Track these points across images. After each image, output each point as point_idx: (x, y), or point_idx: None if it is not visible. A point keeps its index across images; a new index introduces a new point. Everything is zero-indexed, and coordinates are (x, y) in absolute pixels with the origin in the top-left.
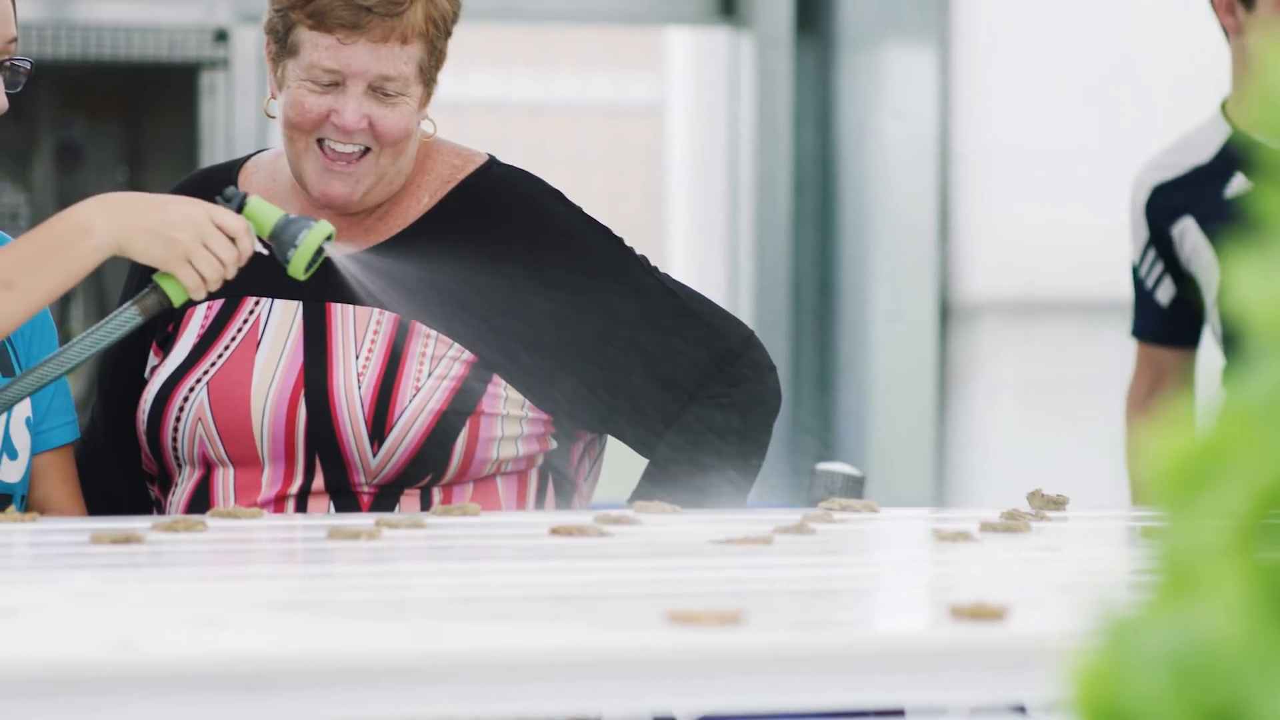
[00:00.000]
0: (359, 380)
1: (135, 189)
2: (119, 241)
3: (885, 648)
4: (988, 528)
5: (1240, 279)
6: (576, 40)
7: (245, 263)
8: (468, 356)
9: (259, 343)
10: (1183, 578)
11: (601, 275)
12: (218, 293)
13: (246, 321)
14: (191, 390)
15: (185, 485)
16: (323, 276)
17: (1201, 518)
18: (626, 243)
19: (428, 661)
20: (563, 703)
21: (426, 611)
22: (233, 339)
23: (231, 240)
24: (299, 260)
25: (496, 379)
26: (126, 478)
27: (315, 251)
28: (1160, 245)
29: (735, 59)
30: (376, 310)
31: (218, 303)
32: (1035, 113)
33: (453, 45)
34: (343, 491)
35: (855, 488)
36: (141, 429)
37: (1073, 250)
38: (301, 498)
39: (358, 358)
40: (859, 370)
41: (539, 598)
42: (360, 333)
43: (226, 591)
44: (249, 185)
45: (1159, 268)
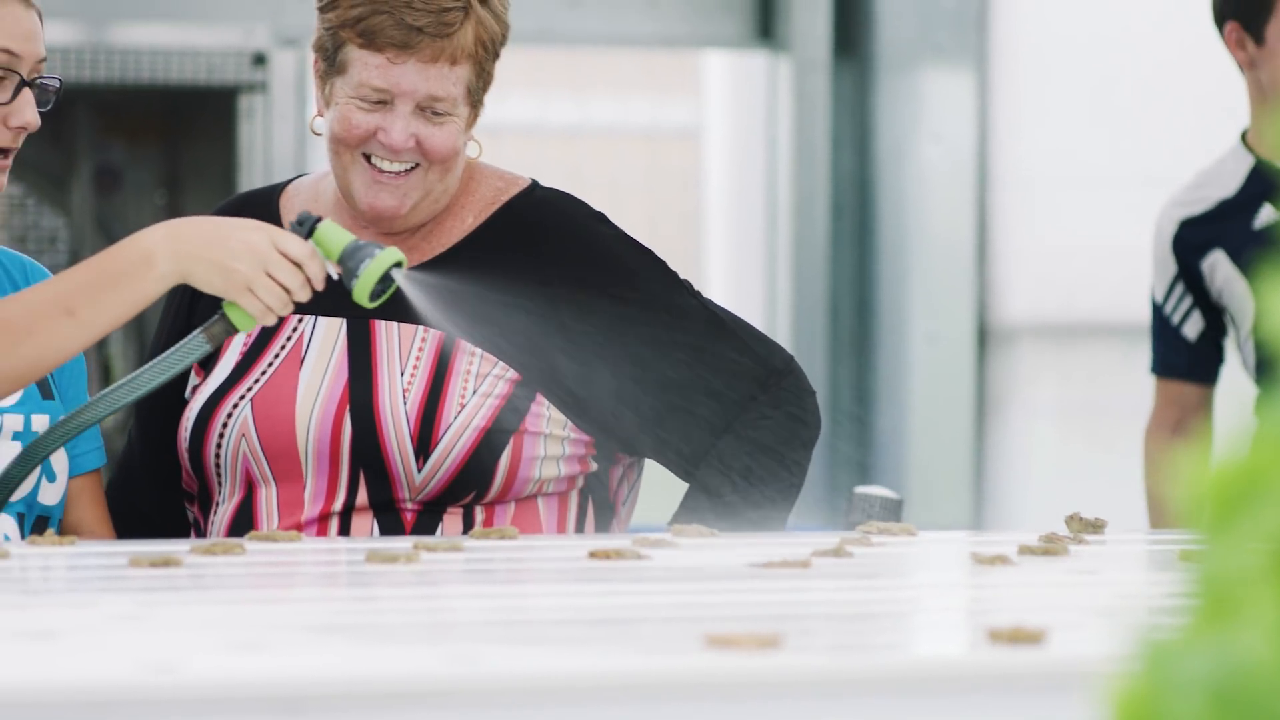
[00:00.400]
0: (404, 396)
1: (173, 213)
2: (182, 271)
3: (923, 671)
4: (1026, 551)
5: (1275, 306)
6: (614, 63)
7: (319, 286)
8: (512, 375)
9: (303, 359)
10: (1221, 602)
11: (644, 298)
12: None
13: (290, 339)
14: (235, 407)
15: (228, 505)
16: None
17: (1240, 542)
18: (669, 266)
19: (466, 685)
20: None
21: (465, 634)
22: (276, 356)
23: (297, 265)
24: (361, 287)
25: (540, 398)
26: (162, 500)
27: (379, 279)
28: (1190, 280)
29: (773, 82)
30: (421, 328)
31: None
32: (1073, 136)
33: None
34: (386, 509)
35: (893, 511)
36: (183, 447)
37: (1111, 273)
38: (345, 515)
39: (403, 374)
40: (897, 393)
41: (577, 621)
42: (405, 350)
43: (265, 614)
44: (290, 210)
45: (1187, 302)
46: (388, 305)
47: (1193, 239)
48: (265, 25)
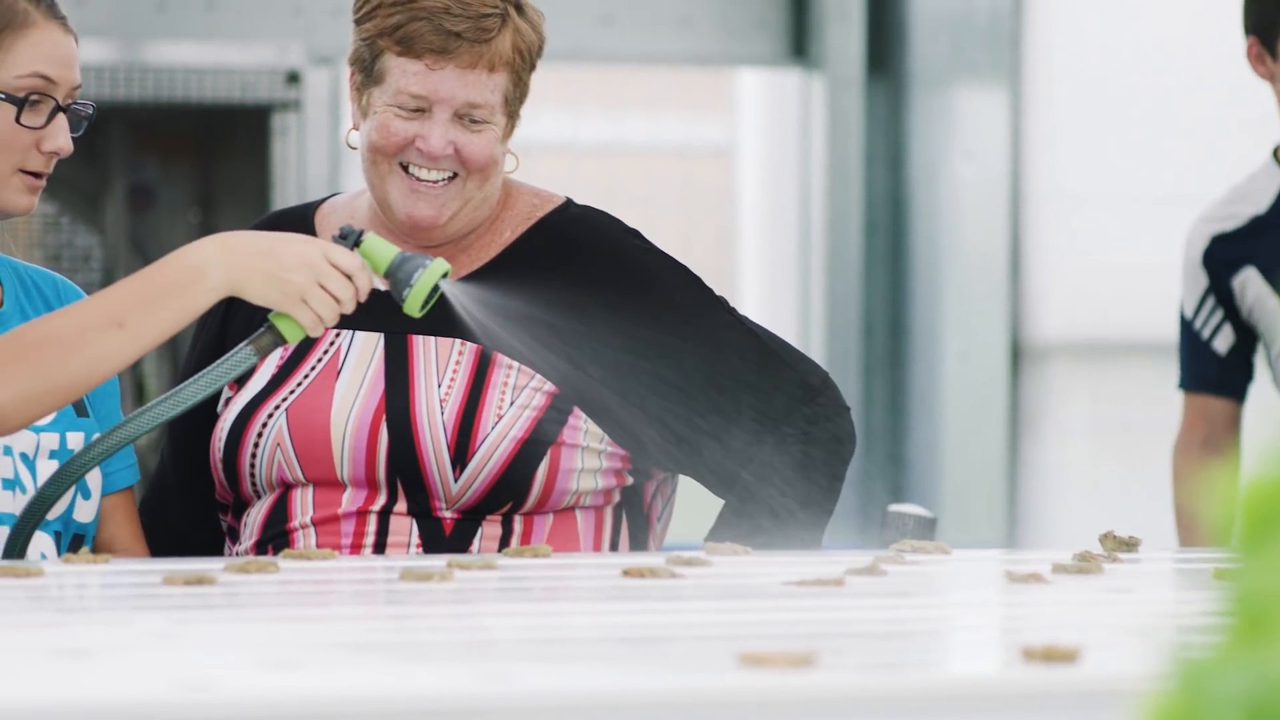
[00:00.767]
0: (441, 406)
1: (207, 231)
2: (234, 283)
3: (957, 690)
4: (1060, 569)
5: None
6: (647, 81)
7: (364, 299)
8: (549, 388)
9: (339, 372)
10: (1256, 620)
11: (680, 314)
12: None
13: (327, 352)
14: (270, 417)
15: (262, 504)
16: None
17: (1274, 560)
18: (705, 282)
19: (501, 703)
20: None
21: (500, 653)
22: (312, 369)
23: (348, 277)
24: (414, 298)
25: (577, 411)
26: (195, 517)
27: (430, 290)
28: (1220, 295)
29: (806, 100)
30: (458, 341)
31: None
32: (1107, 153)
33: None
34: (424, 516)
35: (927, 529)
36: (217, 457)
37: (1144, 291)
38: (384, 516)
39: (440, 385)
40: (930, 411)
41: (611, 639)
42: (442, 363)
43: (300, 633)
44: (325, 228)
45: (1218, 316)
46: (425, 319)
47: (1224, 255)
48: (299, 44)
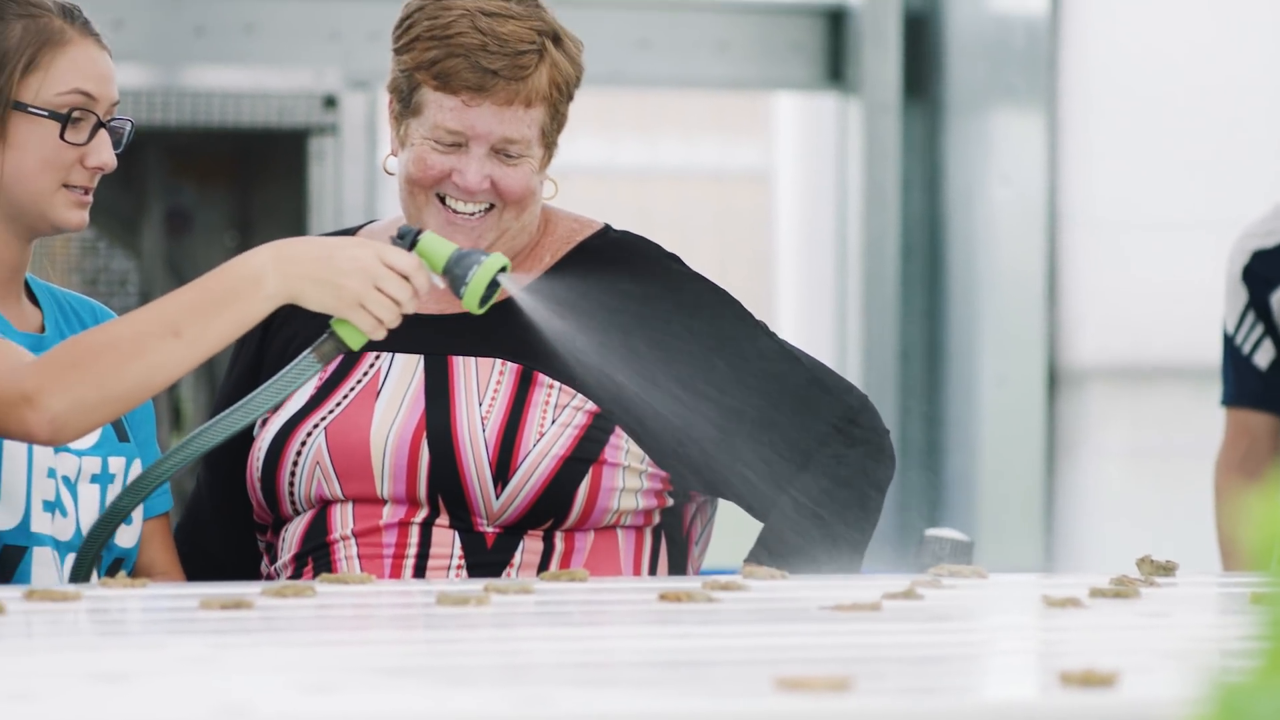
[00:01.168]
0: (483, 423)
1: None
2: (290, 291)
3: (994, 714)
4: (1097, 594)
5: None
6: (684, 106)
7: (425, 297)
8: (590, 407)
9: (379, 392)
10: None
11: (721, 338)
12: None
13: (366, 374)
14: (309, 435)
15: (301, 519)
16: (443, 330)
17: None
18: (744, 306)
19: None
20: None
21: (538, 677)
22: (351, 389)
23: (404, 278)
24: (472, 294)
25: (619, 431)
26: (230, 541)
27: (489, 285)
28: (1260, 310)
29: (843, 124)
30: (499, 361)
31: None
32: (1143, 177)
33: None
34: (466, 532)
35: (964, 553)
36: (255, 476)
37: (1181, 314)
38: (426, 528)
39: (481, 404)
40: (967, 435)
41: (649, 663)
42: (483, 382)
43: (337, 657)
44: None
45: (1258, 331)
46: (466, 340)
47: (1264, 271)
48: (336, 68)
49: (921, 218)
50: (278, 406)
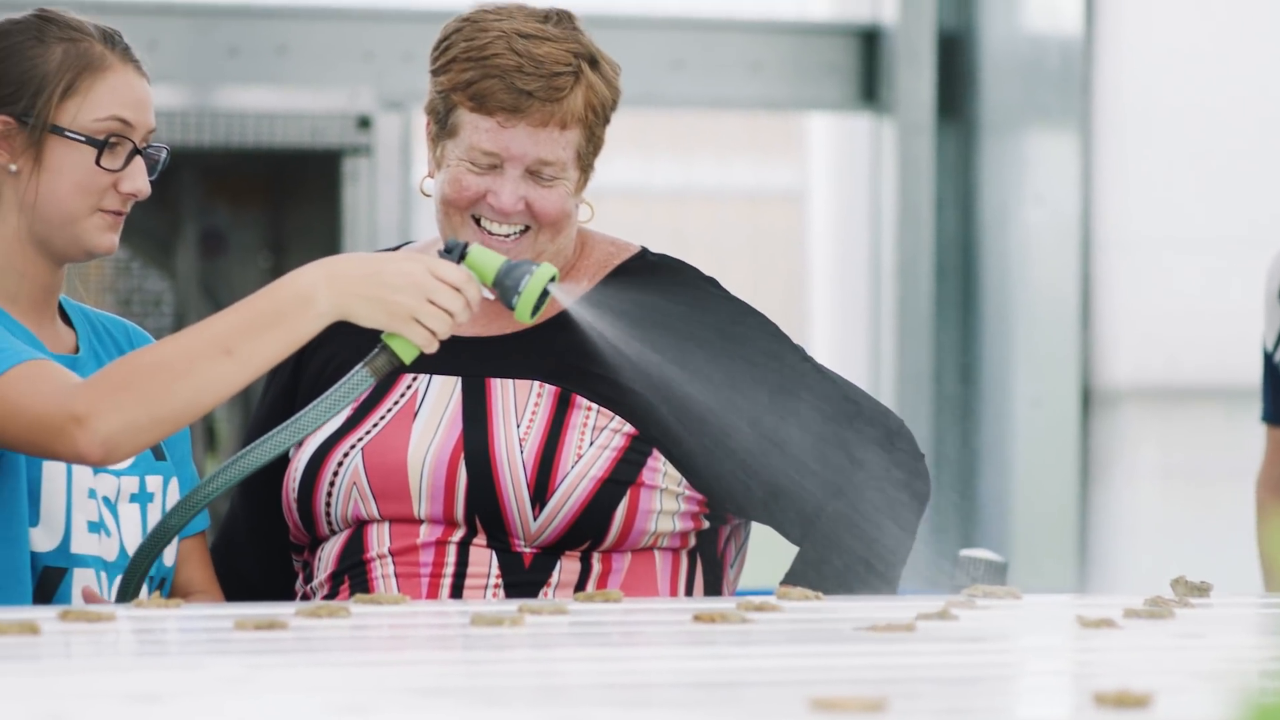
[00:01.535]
0: (521, 445)
1: (278, 276)
2: (341, 308)
3: None
4: (1131, 614)
5: None
6: (718, 126)
7: (476, 309)
8: (628, 429)
9: (416, 414)
10: None
11: (758, 361)
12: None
13: (403, 395)
14: (346, 455)
15: (337, 538)
16: (481, 352)
17: None
18: (782, 330)
19: None
20: None
21: (573, 698)
22: (389, 410)
23: (456, 290)
24: (524, 305)
25: (656, 453)
26: (265, 562)
27: (540, 294)
28: None
29: (877, 145)
30: (537, 383)
31: None
32: (1177, 198)
33: None
34: (504, 551)
35: (998, 574)
36: (290, 498)
37: (1215, 336)
38: (463, 547)
39: (519, 426)
40: (1001, 456)
41: (684, 684)
42: (521, 404)
43: (371, 677)
44: None
45: None
46: (504, 363)
47: None
48: (369, 88)
49: (955, 238)
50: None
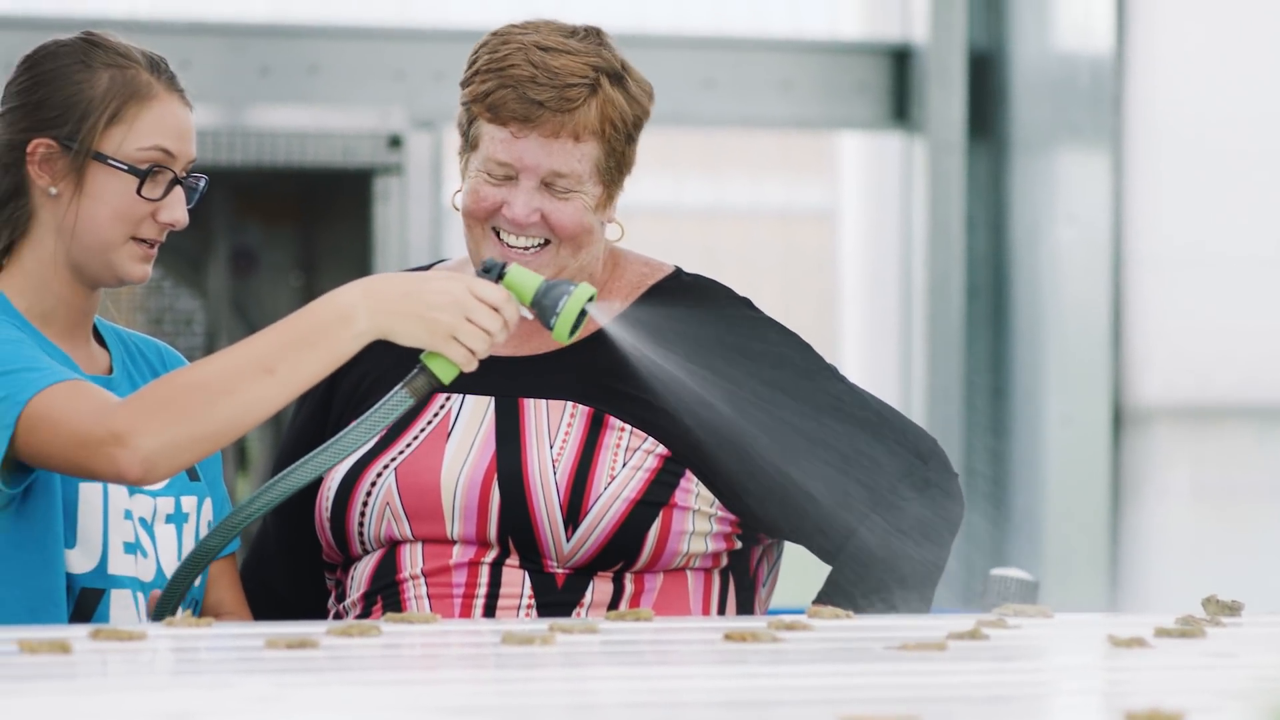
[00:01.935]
0: (554, 466)
1: (310, 295)
2: (381, 327)
3: None
4: (1163, 633)
5: None
6: (749, 145)
7: (514, 329)
8: (661, 450)
9: (449, 434)
10: None
11: (790, 382)
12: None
13: (437, 415)
14: (379, 475)
15: (370, 558)
16: (514, 373)
17: None
18: (815, 350)
19: None
20: None
21: (604, 716)
22: (422, 430)
23: (494, 309)
24: (562, 325)
25: (689, 474)
26: (296, 580)
27: (578, 314)
28: None
29: (908, 163)
30: (570, 404)
31: None
32: (1209, 216)
33: None
34: (537, 571)
35: (1029, 593)
36: (324, 517)
37: (1247, 354)
38: (496, 568)
39: (552, 446)
40: (1032, 475)
41: (714, 703)
42: (554, 425)
43: (403, 696)
44: None
45: None
46: (537, 383)
47: None
48: (401, 108)
49: (986, 257)
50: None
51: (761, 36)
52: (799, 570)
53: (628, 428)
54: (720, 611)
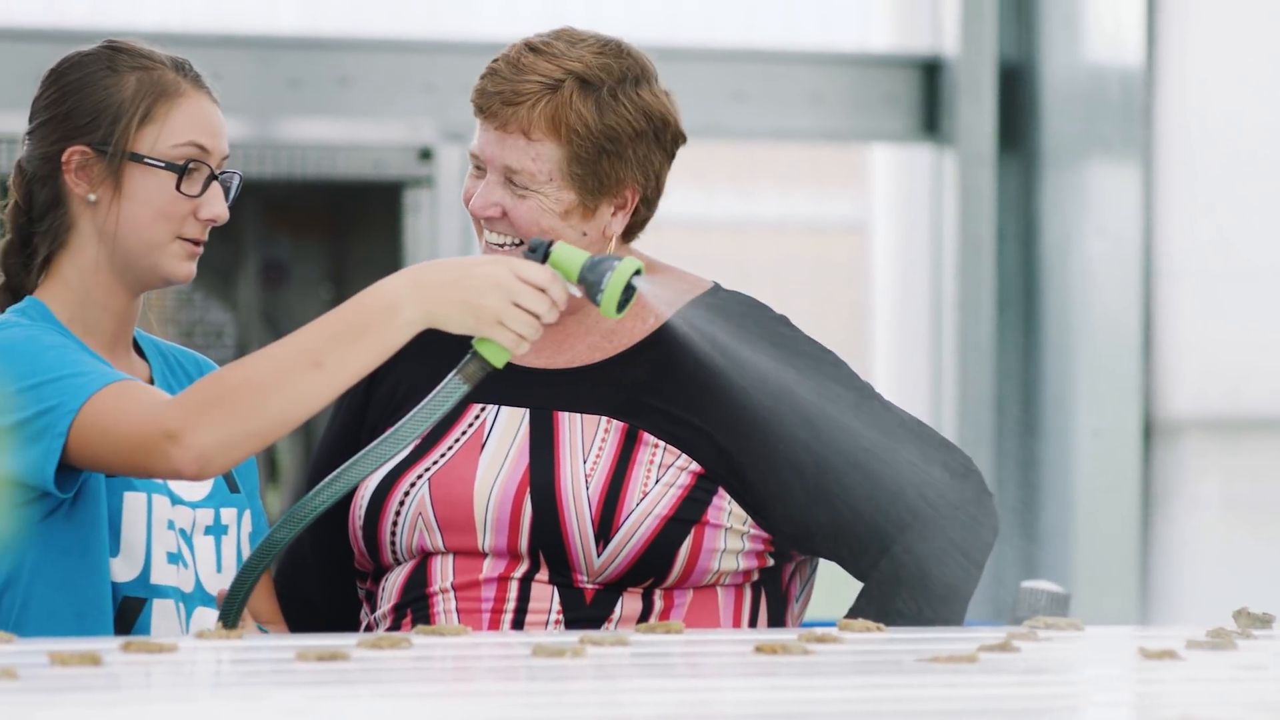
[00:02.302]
0: (587, 481)
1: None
2: (429, 315)
3: None
4: (1194, 645)
5: None
6: (779, 158)
7: (563, 308)
8: (695, 467)
9: (483, 445)
10: None
11: (827, 400)
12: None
13: (472, 425)
14: (413, 485)
15: (401, 569)
16: (550, 385)
17: None
18: (851, 369)
19: None
20: None
21: None
22: (456, 440)
23: (541, 290)
24: (609, 300)
25: (722, 492)
26: (330, 587)
27: (624, 289)
28: None
29: (938, 176)
30: (604, 418)
31: None
32: (1239, 228)
33: None
34: (566, 586)
35: (1060, 605)
36: (357, 525)
37: (1278, 366)
38: (525, 583)
39: (585, 461)
40: (1062, 487)
41: (745, 715)
42: (588, 439)
43: (434, 708)
44: None
45: None
46: (571, 397)
47: None
48: (431, 120)
49: (1016, 269)
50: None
51: (792, 49)
52: (831, 583)
53: (661, 444)
54: (751, 626)
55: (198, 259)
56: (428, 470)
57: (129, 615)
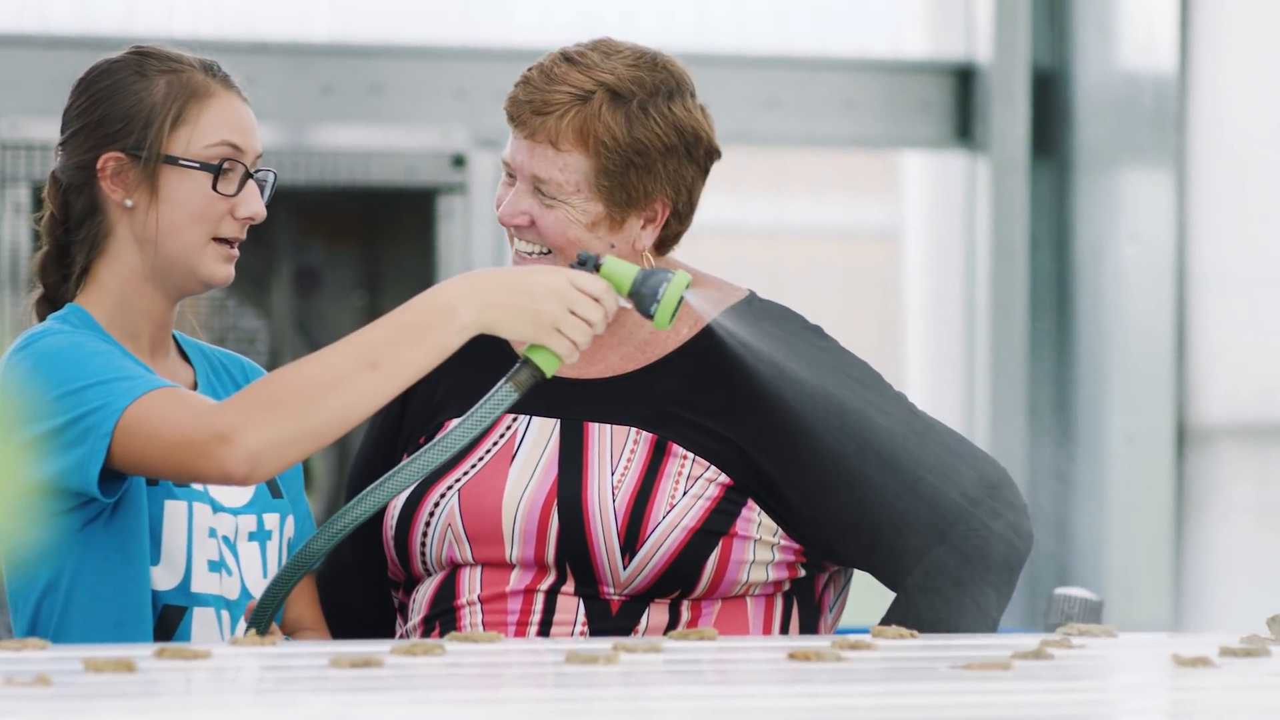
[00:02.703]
0: (614, 493)
1: (373, 314)
2: (486, 320)
3: None
4: (1227, 653)
5: None
6: (812, 164)
7: (612, 319)
8: (723, 479)
9: (514, 456)
10: None
11: (862, 411)
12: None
13: (503, 436)
14: (443, 496)
15: (431, 581)
16: (580, 395)
17: None
18: (885, 379)
19: None
20: None
21: None
22: (488, 451)
23: (595, 300)
24: (663, 313)
25: (751, 504)
26: (370, 593)
27: (677, 302)
28: None
29: (971, 183)
30: (634, 429)
31: None
32: (1272, 234)
33: None
34: (592, 597)
35: (1093, 612)
36: (388, 535)
37: None
38: (551, 595)
39: (613, 473)
40: (1096, 493)
41: None
42: (617, 450)
43: (468, 715)
44: None
45: None
46: (602, 407)
47: None
48: (464, 127)
49: (1050, 276)
50: (473, 442)
51: (825, 55)
52: (863, 590)
53: (690, 456)
54: (783, 635)
55: (235, 261)
56: (458, 481)
57: (169, 624)
